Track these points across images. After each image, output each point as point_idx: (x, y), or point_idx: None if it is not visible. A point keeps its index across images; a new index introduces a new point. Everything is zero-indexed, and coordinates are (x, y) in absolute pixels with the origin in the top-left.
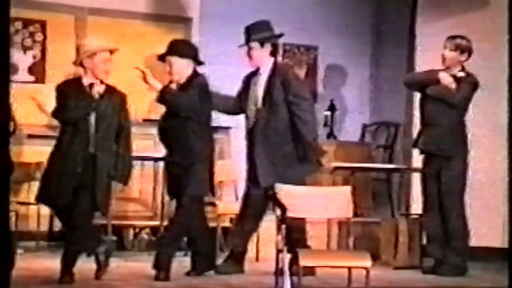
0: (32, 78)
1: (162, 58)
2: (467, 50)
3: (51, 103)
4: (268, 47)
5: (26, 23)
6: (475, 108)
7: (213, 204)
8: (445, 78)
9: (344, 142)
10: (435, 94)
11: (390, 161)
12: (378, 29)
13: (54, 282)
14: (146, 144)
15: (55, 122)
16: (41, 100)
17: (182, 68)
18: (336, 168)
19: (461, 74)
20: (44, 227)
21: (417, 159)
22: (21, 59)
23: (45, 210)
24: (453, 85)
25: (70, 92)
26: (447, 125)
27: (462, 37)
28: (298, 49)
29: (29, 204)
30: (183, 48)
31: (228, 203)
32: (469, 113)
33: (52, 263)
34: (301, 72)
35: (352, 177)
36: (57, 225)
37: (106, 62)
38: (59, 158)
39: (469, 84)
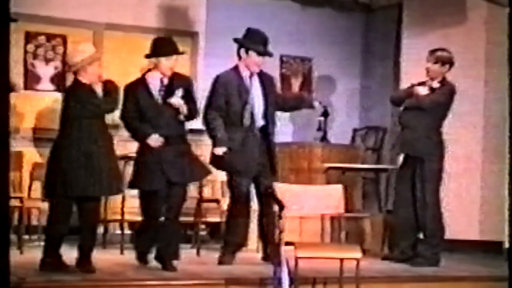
0: (53, 87)
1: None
2: (448, 62)
3: None
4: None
5: (49, 37)
6: (454, 113)
7: (216, 201)
8: (421, 91)
9: (336, 145)
10: (409, 104)
11: (378, 162)
12: (367, 42)
13: (74, 271)
14: None
15: None
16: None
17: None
18: (329, 168)
19: (437, 85)
20: None
21: None
22: (44, 70)
23: None
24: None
25: (79, 87)
26: (421, 129)
27: (443, 50)
28: (294, 60)
29: None
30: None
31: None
32: (448, 117)
33: (71, 254)
34: (297, 81)
35: (344, 177)
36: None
37: (99, 67)
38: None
39: (441, 90)
